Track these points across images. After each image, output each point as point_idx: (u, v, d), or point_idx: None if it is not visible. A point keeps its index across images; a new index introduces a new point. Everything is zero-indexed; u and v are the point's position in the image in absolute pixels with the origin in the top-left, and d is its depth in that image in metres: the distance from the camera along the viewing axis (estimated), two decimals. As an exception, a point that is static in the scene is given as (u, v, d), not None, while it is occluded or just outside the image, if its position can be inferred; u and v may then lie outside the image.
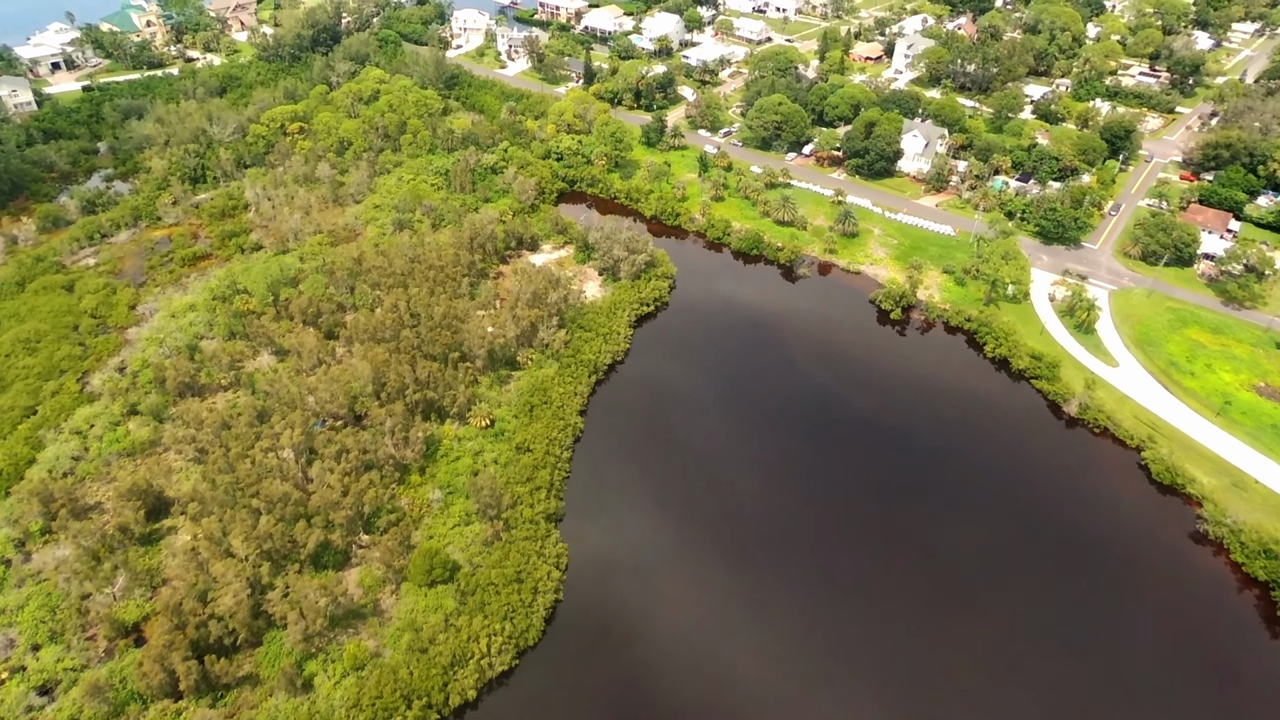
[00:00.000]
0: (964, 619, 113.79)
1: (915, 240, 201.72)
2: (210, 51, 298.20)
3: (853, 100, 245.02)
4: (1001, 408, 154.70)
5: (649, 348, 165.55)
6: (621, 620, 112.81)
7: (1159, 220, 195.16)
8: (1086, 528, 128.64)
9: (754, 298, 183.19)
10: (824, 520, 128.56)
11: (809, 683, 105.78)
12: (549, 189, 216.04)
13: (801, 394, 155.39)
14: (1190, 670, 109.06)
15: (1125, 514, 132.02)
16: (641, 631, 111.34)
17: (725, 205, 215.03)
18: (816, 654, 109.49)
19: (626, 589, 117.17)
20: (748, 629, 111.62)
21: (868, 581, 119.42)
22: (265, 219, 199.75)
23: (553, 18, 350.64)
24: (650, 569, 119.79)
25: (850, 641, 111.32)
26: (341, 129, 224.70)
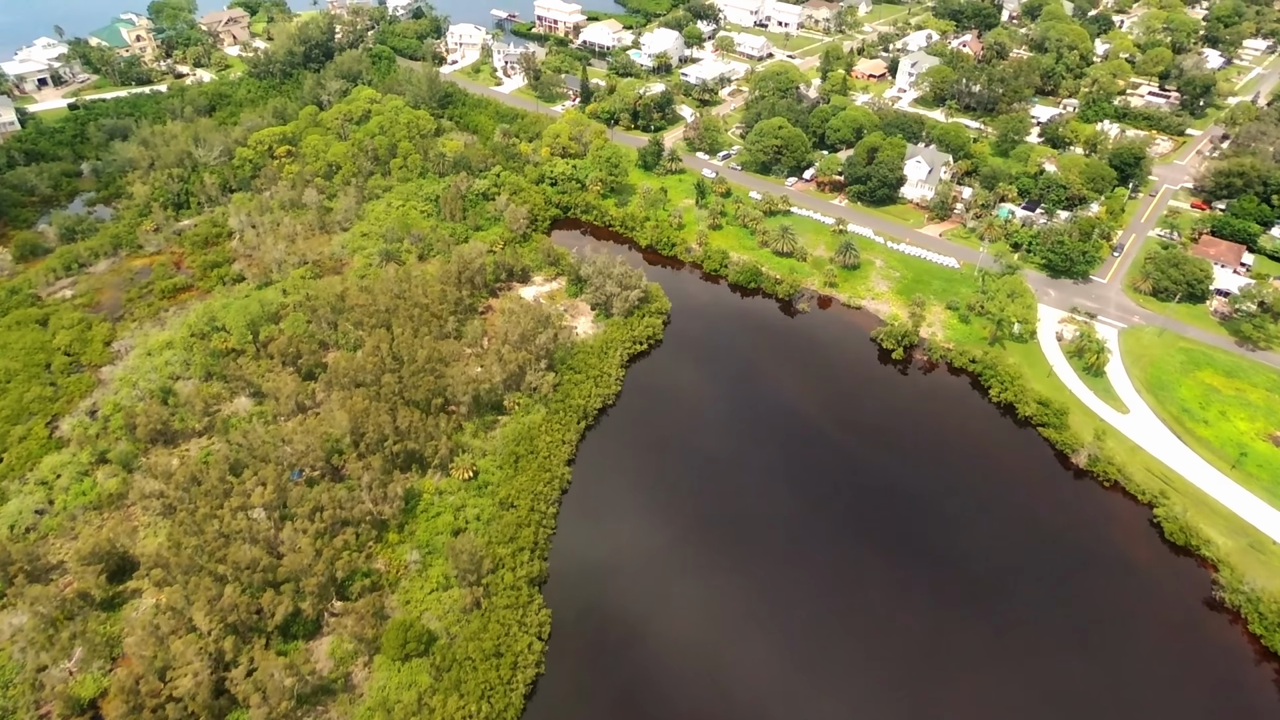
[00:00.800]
0: (961, 686, 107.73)
1: (918, 273, 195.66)
2: (200, 67, 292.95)
3: (855, 123, 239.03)
4: (1007, 457, 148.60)
5: (641, 390, 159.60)
6: (605, 694, 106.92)
7: (1170, 254, 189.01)
8: (1094, 592, 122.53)
9: (751, 335, 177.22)
10: (822, 582, 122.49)
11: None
12: (541, 216, 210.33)
13: (800, 442, 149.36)
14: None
15: (1136, 578, 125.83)
16: (627, 707, 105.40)
17: (723, 234, 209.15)
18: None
19: (611, 659, 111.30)
20: (747, 702, 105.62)
21: (866, 640, 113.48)
22: (249, 247, 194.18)
23: (550, 32, 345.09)
24: (637, 637, 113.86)
25: (847, 709, 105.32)
26: (330, 153, 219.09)
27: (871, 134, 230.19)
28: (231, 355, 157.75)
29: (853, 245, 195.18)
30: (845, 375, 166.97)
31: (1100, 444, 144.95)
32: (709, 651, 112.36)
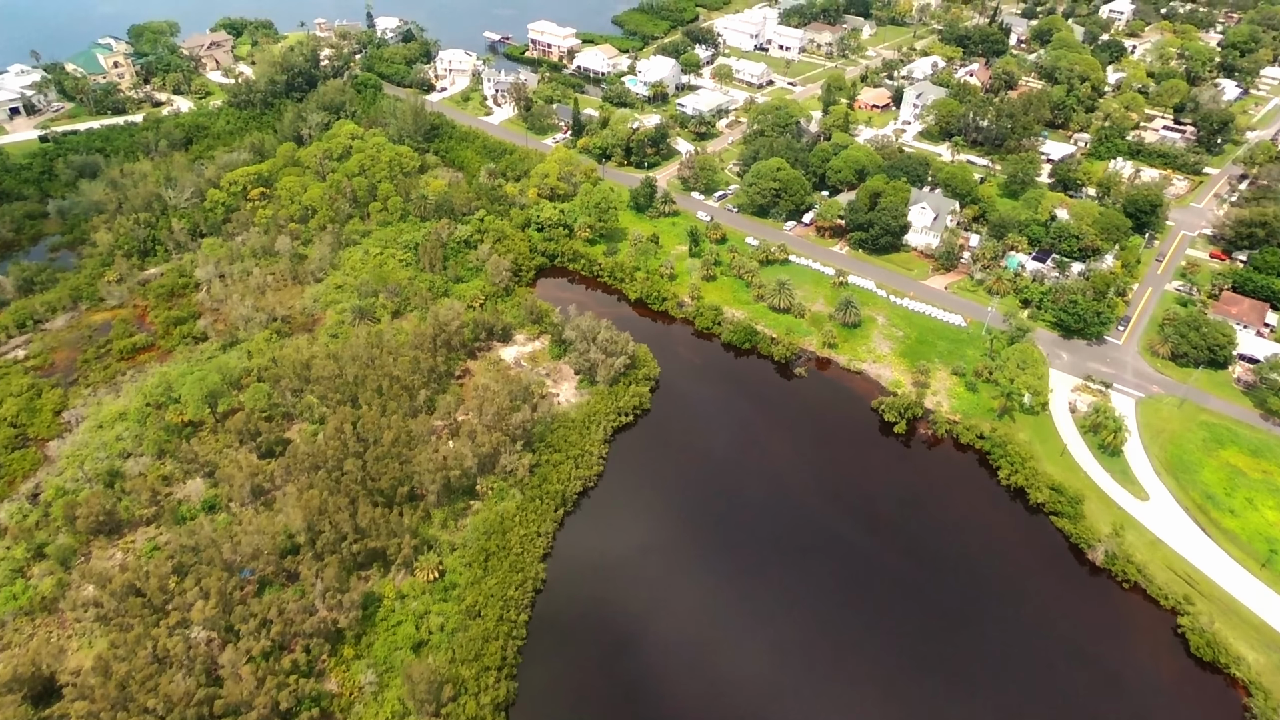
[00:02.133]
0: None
1: (922, 331, 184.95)
2: (180, 94, 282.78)
3: (857, 164, 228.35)
4: (1017, 550, 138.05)
5: (626, 470, 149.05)
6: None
7: (1190, 316, 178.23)
8: (1113, 716, 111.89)
9: (745, 403, 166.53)
10: (814, 689, 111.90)
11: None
12: (526, 266, 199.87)
13: (794, 529, 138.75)
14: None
15: (1160, 700, 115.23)
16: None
17: (717, 285, 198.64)
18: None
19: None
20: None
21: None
22: (216, 300, 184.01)
23: (544, 56, 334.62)
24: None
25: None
26: (306, 196, 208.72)
27: (874, 177, 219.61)
28: (188, 430, 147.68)
29: (853, 302, 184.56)
30: (844, 451, 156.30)
31: (1118, 539, 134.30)
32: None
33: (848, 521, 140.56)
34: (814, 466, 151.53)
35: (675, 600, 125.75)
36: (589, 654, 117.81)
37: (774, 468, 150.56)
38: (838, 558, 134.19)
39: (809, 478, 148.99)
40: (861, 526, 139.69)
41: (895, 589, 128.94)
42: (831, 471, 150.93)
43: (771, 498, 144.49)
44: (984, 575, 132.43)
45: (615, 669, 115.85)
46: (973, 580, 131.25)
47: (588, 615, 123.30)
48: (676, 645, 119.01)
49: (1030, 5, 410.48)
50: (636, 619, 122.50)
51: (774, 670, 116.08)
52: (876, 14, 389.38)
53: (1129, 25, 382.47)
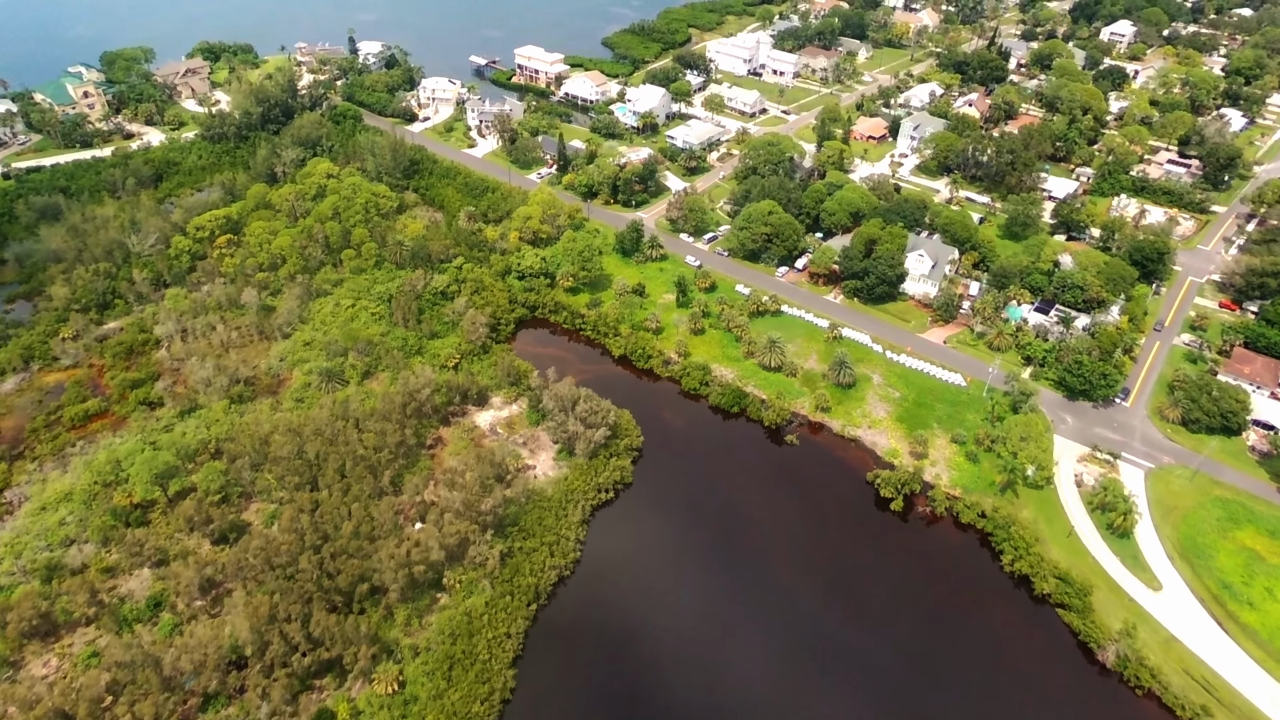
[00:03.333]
0: None
1: (920, 392, 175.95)
2: (152, 125, 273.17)
3: (852, 207, 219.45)
4: (1021, 646, 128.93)
5: (605, 555, 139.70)
6: None
7: (1200, 378, 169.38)
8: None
9: (732, 477, 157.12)
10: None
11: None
12: (505, 319, 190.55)
13: (784, 617, 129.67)
14: None
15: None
16: None
17: (705, 339, 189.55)
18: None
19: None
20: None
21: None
22: (177, 359, 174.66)
23: (531, 82, 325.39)
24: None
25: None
26: (276, 243, 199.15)
27: (869, 221, 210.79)
28: (136, 513, 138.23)
29: (847, 361, 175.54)
30: (837, 533, 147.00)
31: (1130, 638, 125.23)
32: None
33: (839, 614, 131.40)
34: (804, 551, 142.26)
35: (654, 710, 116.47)
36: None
37: (762, 553, 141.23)
38: (828, 657, 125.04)
39: (799, 565, 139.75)
40: (854, 621, 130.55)
41: (889, 693, 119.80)
42: (823, 557, 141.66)
43: (759, 589, 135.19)
44: (986, 678, 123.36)
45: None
46: (974, 685, 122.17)
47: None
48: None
49: (1030, 27, 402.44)
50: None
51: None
52: (873, 36, 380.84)
53: (1130, 49, 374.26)
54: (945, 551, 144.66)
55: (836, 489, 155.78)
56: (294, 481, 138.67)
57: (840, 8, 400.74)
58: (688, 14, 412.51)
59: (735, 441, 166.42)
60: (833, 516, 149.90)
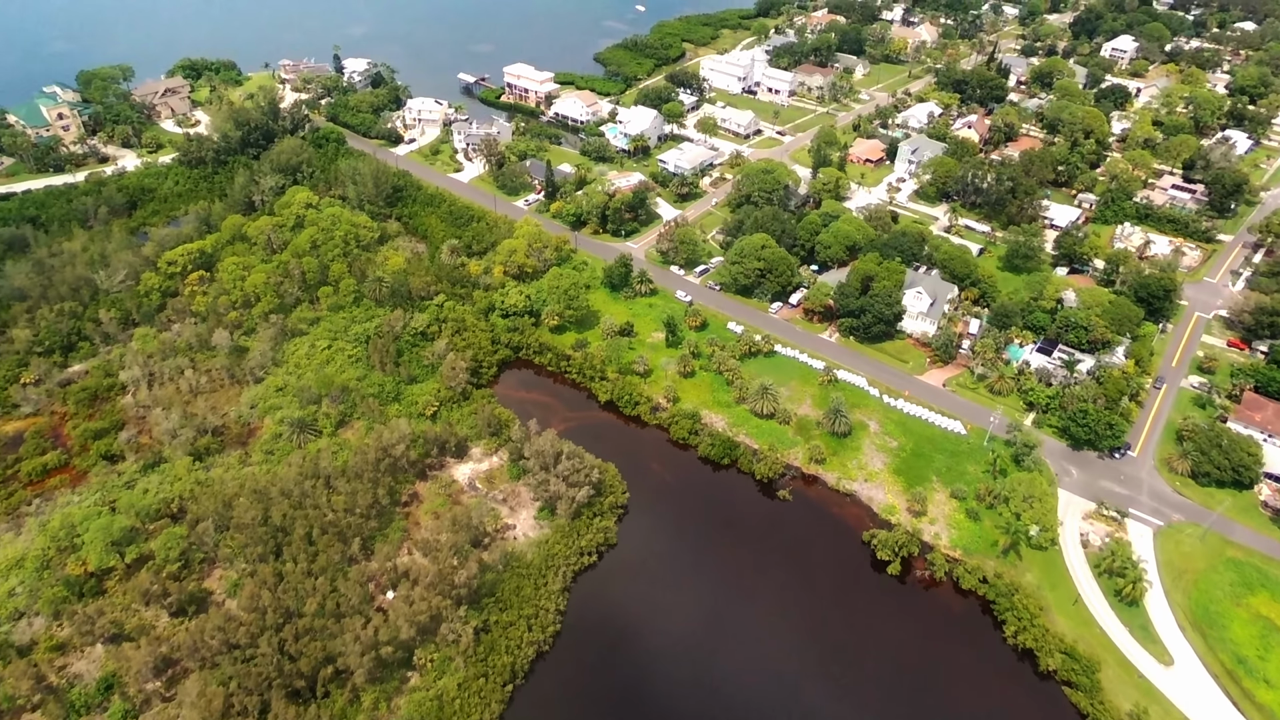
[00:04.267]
0: None
1: (919, 441, 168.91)
2: (129, 147, 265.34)
3: (848, 240, 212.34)
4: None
5: (586, 625, 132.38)
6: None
7: (1210, 429, 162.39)
8: None
9: (721, 537, 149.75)
10: None
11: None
12: (487, 362, 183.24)
13: (774, 696, 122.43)
14: None
15: None
16: None
17: (695, 383, 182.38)
18: None
19: None
20: None
21: None
22: (143, 406, 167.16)
23: (520, 101, 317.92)
24: None
25: None
26: (250, 281, 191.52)
27: (866, 255, 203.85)
28: (90, 583, 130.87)
29: (842, 410, 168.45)
30: (831, 596, 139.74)
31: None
32: None
33: (833, 689, 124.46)
34: (797, 619, 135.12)
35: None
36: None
37: (752, 622, 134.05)
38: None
39: (791, 634, 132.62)
40: (849, 696, 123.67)
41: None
42: (817, 626, 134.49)
43: (747, 663, 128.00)
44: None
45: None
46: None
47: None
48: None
49: (1030, 42, 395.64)
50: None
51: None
52: (870, 51, 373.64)
53: (1132, 65, 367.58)
54: (945, 620, 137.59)
55: (831, 549, 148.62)
56: (257, 552, 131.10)
57: (837, 23, 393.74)
58: (682, 28, 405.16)
59: (726, 496, 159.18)
60: (827, 581, 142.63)
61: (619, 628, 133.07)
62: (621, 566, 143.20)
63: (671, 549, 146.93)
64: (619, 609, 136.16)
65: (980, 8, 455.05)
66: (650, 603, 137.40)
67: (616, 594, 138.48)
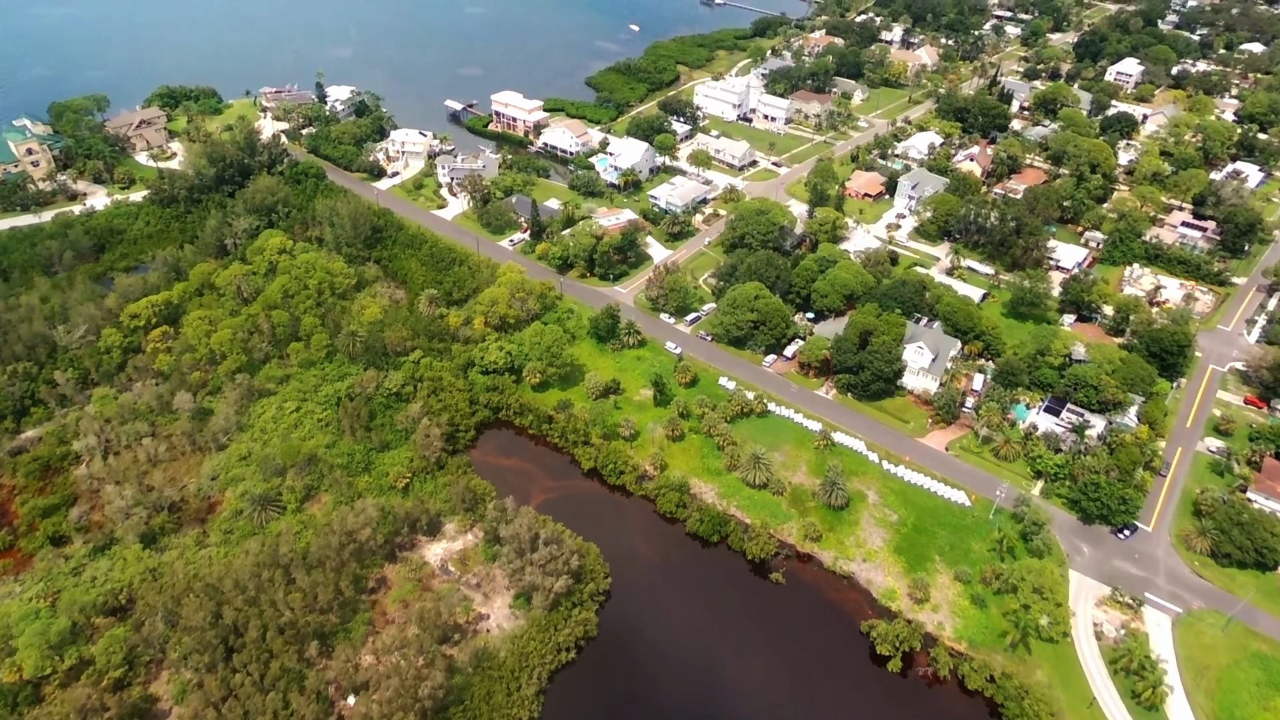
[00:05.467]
0: None
1: (920, 514, 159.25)
2: (100, 183, 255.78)
3: (845, 289, 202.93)
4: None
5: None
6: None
7: (1231, 510, 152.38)
8: None
9: (710, 626, 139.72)
10: None
11: None
12: (465, 425, 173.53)
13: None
14: None
15: None
16: None
17: (684, 447, 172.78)
18: None
19: None
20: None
21: None
22: (97, 479, 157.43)
23: (508, 130, 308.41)
24: None
25: None
26: (215, 338, 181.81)
27: (864, 306, 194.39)
28: (27, 690, 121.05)
29: (839, 482, 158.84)
30: (827, 696, 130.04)
31: None
32: None
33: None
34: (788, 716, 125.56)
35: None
36: None
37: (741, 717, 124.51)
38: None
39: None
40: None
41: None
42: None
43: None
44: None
45: None
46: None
47: None
48: None
49: (1032, 65, 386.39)
50: None
51: None
52: (869, 75, 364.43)
53: (1138, 89, 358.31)
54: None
55: (828, 641, 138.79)
56: (205, 660, 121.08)
57: (835, 45, 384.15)
58: (676, 49, 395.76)
59: (715, 578, 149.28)
60: (823, 677, 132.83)
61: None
62: (602, 663, 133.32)
63: (656, 641, 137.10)
64: (598, 713, 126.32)
65: (981, 27, 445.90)
66: (632, 702, 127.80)
67: (596, 695, 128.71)
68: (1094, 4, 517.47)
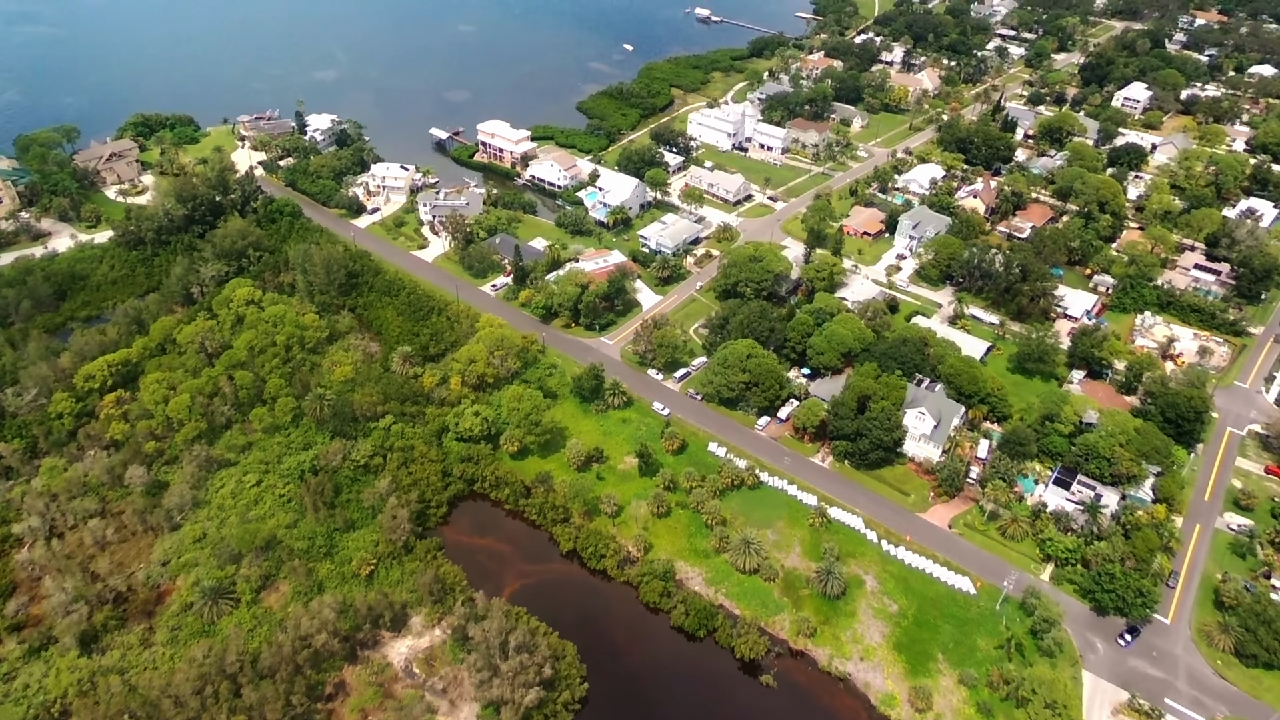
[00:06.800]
0: None
1: (922, 604, 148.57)
2: (66, 221, 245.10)
3: (843, 346, 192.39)
4: None
5: None
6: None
7: (1258, 605, 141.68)
8: None
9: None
10: None
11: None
12: (436, 500, 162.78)
13: None
14: None
15: None
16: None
17: (670, 523, 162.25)
18: None
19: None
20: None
21: None
22: (39, 566, 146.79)
23: (495, 161, 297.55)
24: None
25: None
26: (173, 405, 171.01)
27: (862, 367, 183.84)
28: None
29: (835, 571, 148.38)
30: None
31: None
32: None
33: None
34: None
35: None
36: None
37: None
38: None
39: None
40: None
41: None
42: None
43: None
44: None
45: None
46: None
47: None
48: None
49: (1037, 89, 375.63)
50: None
51: None
52: (869, 99, 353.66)
53: (1146, 116, 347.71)
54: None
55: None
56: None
57: (833, 69, 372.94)
58: (670, 71, 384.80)
59: (701, 680, 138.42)
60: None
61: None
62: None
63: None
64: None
65: (984, 47, 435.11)
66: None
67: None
68: (1099, 21, 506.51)
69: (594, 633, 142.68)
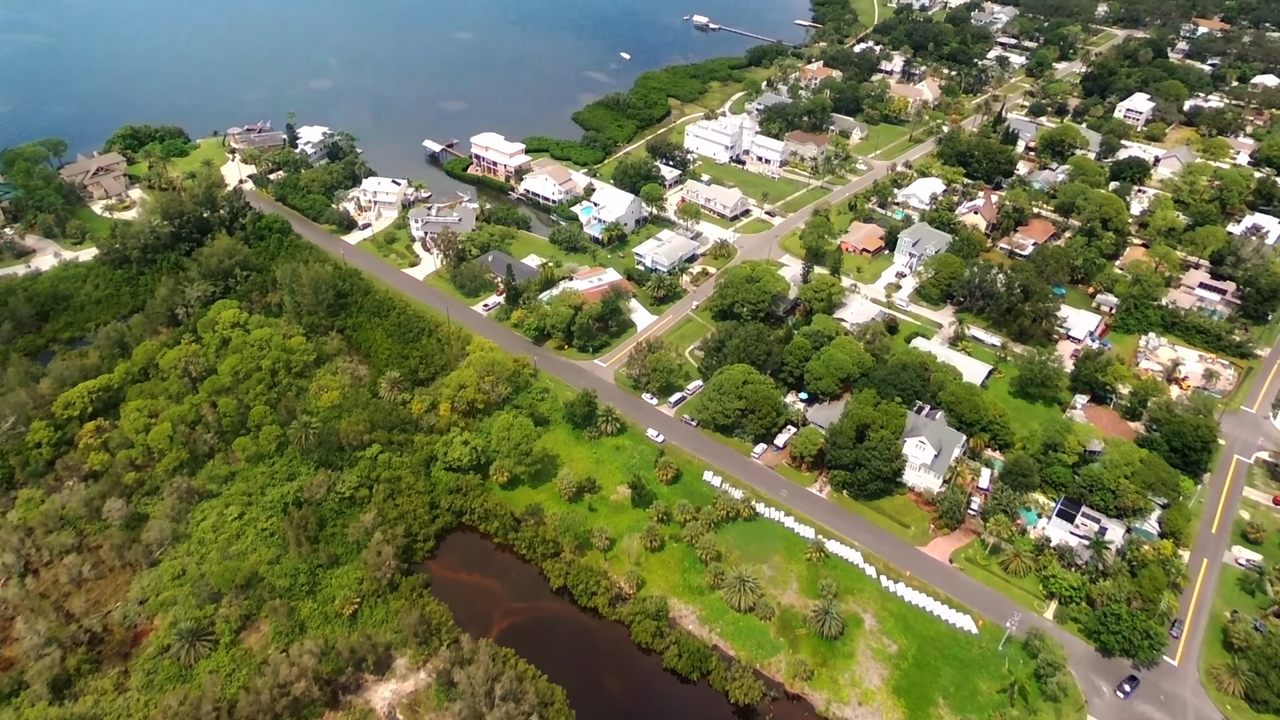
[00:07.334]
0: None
1: (922, 644, 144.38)
2: (51, 238, 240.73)
3: (841, 371, 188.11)
4: None
5: None
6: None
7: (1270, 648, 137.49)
8: None
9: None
10: None
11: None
12: (423, 534, 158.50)
13: None
14: None
15: None
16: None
17: (663, 558, 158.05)
18: None
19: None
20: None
21: None
22: (12, 606, 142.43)
23: (489, 174, 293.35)
24: None
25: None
26: (154, 433, 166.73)
27: (860, 395, 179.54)
28: None
29: (833, 611, 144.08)
30: None
31: None
32: None
33: None
34: None
35: None
36: None
37: None
38: None
39: None
40: None
41: None
42: None
43: None
44: None
45: None
46: None
47: None
48: None
49: (1038, 99, 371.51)
50: None
51: None
52: (868, 110, 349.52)
53: (1149, 127, 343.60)
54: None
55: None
56: None
57: (832, 79, 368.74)
58: (668, 81, 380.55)
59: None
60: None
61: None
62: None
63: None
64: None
65: (985, 56, 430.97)
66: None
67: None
68: (1101, 30, 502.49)
69: (584, 675, 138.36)
